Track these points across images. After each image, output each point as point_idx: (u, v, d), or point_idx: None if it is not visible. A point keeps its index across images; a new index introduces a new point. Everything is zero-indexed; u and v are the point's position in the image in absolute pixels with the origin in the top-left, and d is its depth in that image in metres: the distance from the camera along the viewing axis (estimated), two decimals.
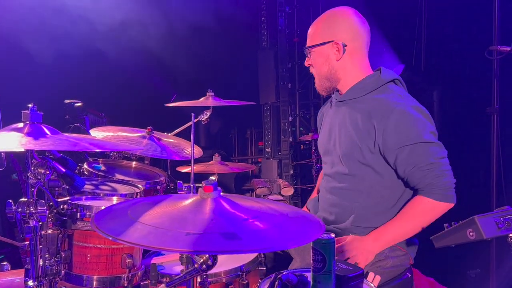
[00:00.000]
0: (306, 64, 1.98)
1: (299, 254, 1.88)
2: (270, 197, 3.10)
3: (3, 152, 1.77)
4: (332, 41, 1.86)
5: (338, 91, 1.97)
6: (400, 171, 1.75)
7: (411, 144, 1.70)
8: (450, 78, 3.83)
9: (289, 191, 3.26)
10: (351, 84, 1.90)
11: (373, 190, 1.83)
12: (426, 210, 1.72)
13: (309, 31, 1.95)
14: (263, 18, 5.11)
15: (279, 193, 3.29)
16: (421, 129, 1.71)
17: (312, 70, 1.98)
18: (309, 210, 2.16)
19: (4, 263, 1.91)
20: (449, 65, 3.85)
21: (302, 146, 5.16)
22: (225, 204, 1.04)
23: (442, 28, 3.88)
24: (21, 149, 1.20)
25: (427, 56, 4.09)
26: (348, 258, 1.69)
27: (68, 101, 3.37)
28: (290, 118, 5.11)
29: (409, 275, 1.83)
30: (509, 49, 2.28)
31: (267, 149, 5.15)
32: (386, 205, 1.83)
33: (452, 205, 1.73)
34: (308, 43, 1.93)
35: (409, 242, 1.84)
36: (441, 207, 1.72)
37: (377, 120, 1.75)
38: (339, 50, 1.86)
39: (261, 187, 3.10)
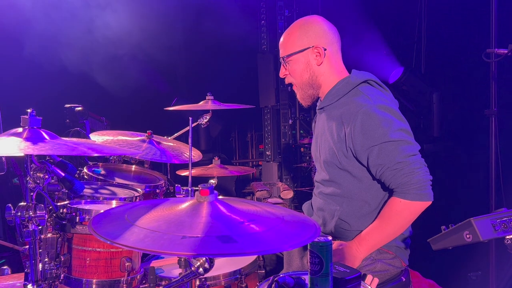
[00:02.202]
0: (281, 75, 1.96)
1: (286, 260, 1.89)
2: (269, 200, 3.11)
3: (3, 157, 1.78)
4: (312, 46, 1.86)
5: (319, 98, 1.99)
6: (373, 172, 1.75)
7: (378, 144, 1.69)
8: (449, 80, 3.85)
9: (288, 194, 3.26)
10: (327, 90, 1.91)
11: (354, 195, 1.83)
12: (401, 210, 1.70)
13: (282, 41, 1.94)
14: (263, 21, 5.14)
15: (279, 196, 3.30)
16: (386, 128, 1.69)
17: (289, 80, 1.96)
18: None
19: (5, 267, 1.92)
20: (448, 67, 3.87)
21: (302, 149, 5.17)
22: (221, 208, 1.05)
23: (441, 31, 3.90)
24: (20, 153, 1.21)
25: (427, 59, 4.11)
26: None
27: (68, 105, 3.40)
28: (290, 121, 5.12)
29: (404, 279, 1.83)
30: (506, 51, 2.29)
31: (267, 152, 5.16)
32: (369, 208, 1.83)
33: (429, 203, 1.70)
34: (285, 53, 1.91)
35: (397, 244, 1.84)
36: (416, 206, 1.69)
37: (346, 124, 1.77)
38: (320, 54, 1.86)
39: (261, 190, 3.11)
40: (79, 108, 3.30)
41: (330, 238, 1.19)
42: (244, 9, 5.08)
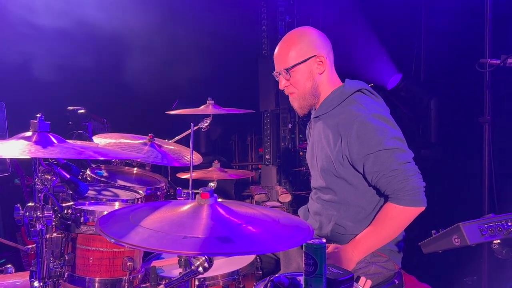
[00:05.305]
0: (282, 86, 1.96)
1: (284, 261, 1.94)
2: (268, 203, 3.17)
3: (7, 158, 1.83)
4: (315, 55, 1.90)
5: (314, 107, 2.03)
6: (369, 179, 1.81)
7: (373, 152, 1.75)
8: (447, 87, 3.90)
9: (286, 198, 3.31)
10: (322, 99, 1.96)
11: (351, 201, 1.89)
12: (396, 216, 1.76)
13: (280, 53, 1.94)
14: (264, 27, 5.20)
15: (277, 200, 3.34)
16: (381, 136, 1.75)
17: (290, 90, 1.96)
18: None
19: (9, 265, 1.97)
20: (446, 75, 3.92)
21: (301, 153, 5.22)
22: (220, 210, 1.11)
23: (440, 40, 3.96)
24: (30, 156, 1.27)
25: (426, 66, 4.16)
26: None
27: (71, 108, 3.45)
28: (290, 125, 5.17)
29: (397, 282, 1.88)
30: (498, 62, 2.35)
31: (266, 156, 5.21)
32: (365, 213, 1.89)
33: (422, 208, 1.76)
34: (286, 64, 1.91)
35: (391, 247, 1.90)
36: (410, 212, 1.75)
37: (342, 133, 1.82)
38: (323, 62, 1.90)
39: (259, 194, 3.16)
40: (82, 111, 3.35)
41: (324, 240, 1.25)
42: (245, 14, 5.15)
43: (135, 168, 2.48)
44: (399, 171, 1.73)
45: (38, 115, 1.38)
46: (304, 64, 1.90)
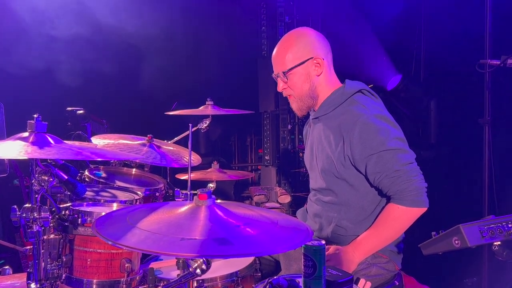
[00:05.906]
0: (280, 89, 1.96)
1: (285, 263, 1.94)
2: (267, 204, 3.16)
3: (6, 159, 1.82)
4: (312, 57, 1.89)
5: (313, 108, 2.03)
6: (371, 180, 1.81)
7: (376, 153, 1.75)
8: (447, 88, 3.89)
9: (285, 199, 3.31)
10: (322, 100, 1.95)
11: (352, 202, 1.89)
12: (398, 216, 1.76)
13: (278, 56, 1.94)
14: (263, 27, 5.20)
15: (277, 201, 3.34)
16: (384, 137, 1.75)
17: (288, 92, 1.97)
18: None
19: (6, 267, 1.96)
20: (446, 76, 3.91)
21: (301, 154, 5.21)
22: (218, 211, 1.10)
23: (440, 40, 3.95)
24: (26, 157, 1.26)
25: (426, 67, 4.15)
26: None
27: (70, 108, 3.44)
28: (289, 126, 5.16)
29: (397, 283, 1.88)
30: (498, 62, 2.35)
31: (266, 157, 5.20)
32: (365, 214, 1.89)
33: (424, 209, 1.76)
34: (284, 67, 1.91)
35: (391, 249, 1.89)
36: (413, 212, 1.75)
37: (345, 134, 1.82)
38: (320, 64, 1.90)
39: (259, 195, 3.16)
40: (81, 111, 3.34)
41: (323, 242, 1.24)
42: (244, 15, 5.15)
43: (134, 169, 2.47)
44: (402, 171, 1.73)
45: (35, 116, 1.37)
46: (301, 66, 1.90)
